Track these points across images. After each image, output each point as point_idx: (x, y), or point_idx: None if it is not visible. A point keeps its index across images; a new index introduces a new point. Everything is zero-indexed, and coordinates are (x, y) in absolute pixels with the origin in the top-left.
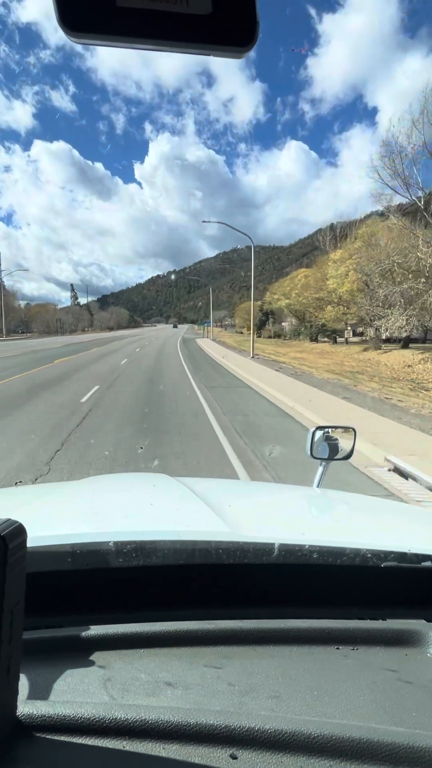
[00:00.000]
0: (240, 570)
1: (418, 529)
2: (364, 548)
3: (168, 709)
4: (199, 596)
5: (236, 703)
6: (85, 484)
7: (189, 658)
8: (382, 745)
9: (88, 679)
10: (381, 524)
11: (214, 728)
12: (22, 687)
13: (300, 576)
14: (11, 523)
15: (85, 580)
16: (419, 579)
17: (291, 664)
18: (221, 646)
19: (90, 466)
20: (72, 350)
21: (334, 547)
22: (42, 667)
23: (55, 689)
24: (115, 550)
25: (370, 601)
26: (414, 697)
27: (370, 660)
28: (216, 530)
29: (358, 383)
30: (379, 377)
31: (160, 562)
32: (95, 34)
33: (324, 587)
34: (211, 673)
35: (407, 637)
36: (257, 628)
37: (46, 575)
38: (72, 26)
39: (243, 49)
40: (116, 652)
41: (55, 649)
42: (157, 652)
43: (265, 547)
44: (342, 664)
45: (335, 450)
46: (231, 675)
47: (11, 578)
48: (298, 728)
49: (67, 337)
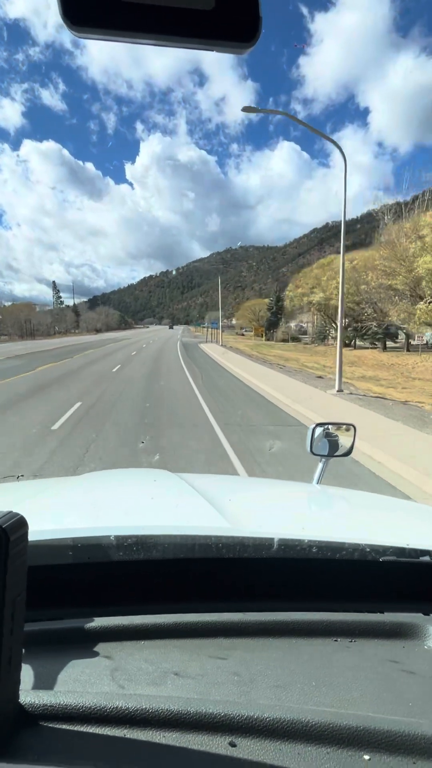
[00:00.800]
0: (240, 564)
1: (416, 525)
2: (363, 543)
3: (168, 698)
4: (200, 590)
5: (236, 692)
6: (87, 479)
7: (190, 649)
8: (379, 733)
9: (90, 669)
10: (380, 520)
11: (213, 717)
12: (25, 677)
13: (299, 570)
14: (12, 516)
15: (86, 574)
16: (417, 573)
17: (290, 656)
18: (222, 638)
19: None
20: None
21: (334, 542)
22: (44, 658)
23: (57, 679)
24: (115, 543)
25: (369, 595)
26: (411, 687)
27: (368, 652)
28: (216, 525)
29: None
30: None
31: (160, 556)
32: (98, 28)
33: (323, 581)
34: (212, 663)
35: (405, 630)
36: (258, 620)
37: (47, 568)
38: (75, 21)
39: (246, 45)
40: (118, 643)
41: (57, 640)
42: (159, 643)
43: (264, 541)
44: (340, 656)
45: (335, 447)
46: (232, 666)
47: (12, 570)
48: (297, 717)
49: (31, 342)
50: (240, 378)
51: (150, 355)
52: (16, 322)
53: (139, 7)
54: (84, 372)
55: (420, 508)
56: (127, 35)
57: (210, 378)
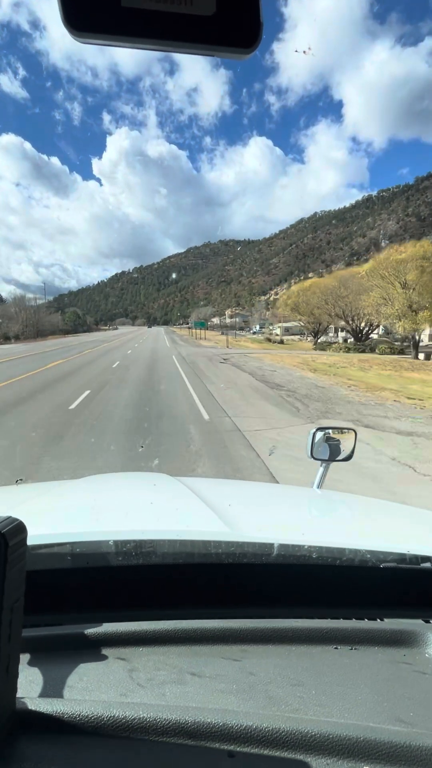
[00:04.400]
0: (239, 570)
1: (417, 531)
2: (364, 549)
3: (166, 707)
4: (199, 596)
5: (235, 701)
6: (86, 483)
7: (189, 656)
8: (380, 744)
9: (88, 677)
10: (381, 525)
11: (212, 726)
12: (22, 684)
13: (299, 576)
14: (11, 521)
15: (85, 579)
16: (418, 580)
17: (289, 664)
18: (221, 645)
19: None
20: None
21: (334, 548)
22: (43, 665)
23: (55, 687)
24: (114, 549)
25: (369, 602)
26: (412, 696)
27: (369, 659)
28: (215, 530)
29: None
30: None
31: (159, 561)
32: (100, 34)
33: (323, 587)
34: (210, 671)
35: (405, 638)
36: (256, 627)
37: (46, 573)
38: (76, 26)
39: (247, 50)
40: (117, 650)
41: (56, 646)
42: (158, 650)
43: (264, 547)
44: (340, 664)
45: (336, 451)
46: (230, 674)
47: (11, 576)
48: (296, 727)
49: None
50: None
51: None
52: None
53: (140, 13)
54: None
55: (421, 513)
56: (128, 41)
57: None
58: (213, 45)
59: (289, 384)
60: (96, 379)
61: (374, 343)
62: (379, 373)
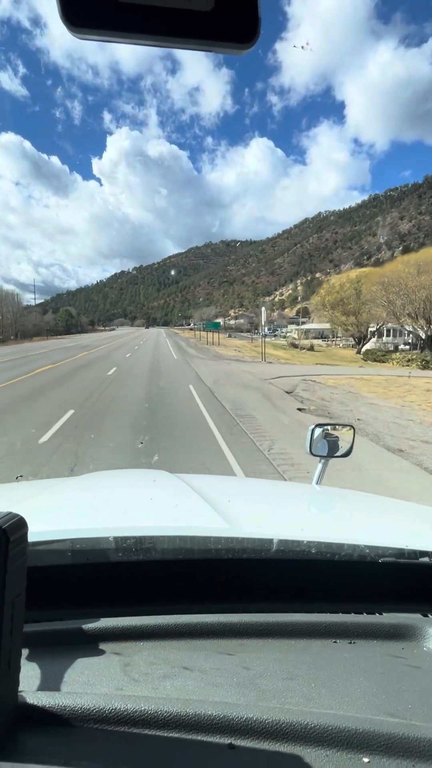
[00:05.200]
0: (239, 565)
1: (416, 526)
2: (362, 544)
3: (167, 699)
4: (198, 591)
5: (236, 694)
6: (86, 480)
7: (188, 650)
8: (379, 736)
9: (89, 670)
10: (379, 521)
11: (212, 719)
12: (24, 678)
13: (298, 571)
14: (12, 517)
15: (85, 575)
16: (417, 575)
17: (290, 657)
18: (221, 639)
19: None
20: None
21: (333, 543)
22: (44, 659)
23: (55, 680)
24: (114, 545)
25: (368, 597)
26: (410, 689)
27: (367, 653)
28: (215, 526)
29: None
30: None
31: (159, 557)
32: (98, 30)
33: (322, 582)
34: (210, 665)
35: (404, 632)
36: (256, 621)
37: (46, 569)
38: (74, 22)
39: (244, 46)
40: (117, 644)
41: (57, 641)
42: (158, 644)
43: (263, 542)
44: (339, 657)
45: (335, 447)
46: (230, 667)
47: (12, 571)
48: (296, 719)
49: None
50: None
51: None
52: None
53: (138, 9)
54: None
55: (419, 509)
56: (126, 36)
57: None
58: (211, 41)
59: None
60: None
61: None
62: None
